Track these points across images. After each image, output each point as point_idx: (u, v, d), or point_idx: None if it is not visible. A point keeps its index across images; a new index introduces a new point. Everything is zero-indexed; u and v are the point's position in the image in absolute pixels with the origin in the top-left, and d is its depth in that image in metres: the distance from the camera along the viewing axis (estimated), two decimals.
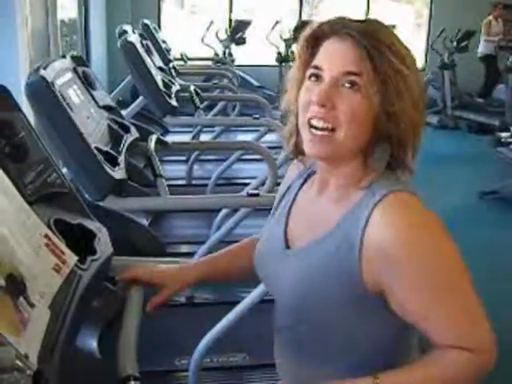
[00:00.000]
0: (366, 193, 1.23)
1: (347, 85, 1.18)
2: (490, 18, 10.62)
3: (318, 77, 1.22)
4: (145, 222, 4.27)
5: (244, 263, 1.56)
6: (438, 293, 1.17)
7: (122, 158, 2.58)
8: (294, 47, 10.05)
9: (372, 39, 1.18)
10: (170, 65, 6.07)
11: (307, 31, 1.27)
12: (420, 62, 11.81)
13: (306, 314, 1.28)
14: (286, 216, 1.41)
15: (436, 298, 1.17)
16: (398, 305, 1.19)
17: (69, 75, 2.65)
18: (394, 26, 9.39)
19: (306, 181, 1.43)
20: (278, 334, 1.42)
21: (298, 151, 1.34)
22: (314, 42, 1.25)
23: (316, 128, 1.21)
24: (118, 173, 2.44)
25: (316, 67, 1.23)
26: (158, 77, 4.54)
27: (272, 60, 9.85)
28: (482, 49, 10.68)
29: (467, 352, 1.18)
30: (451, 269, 1.19)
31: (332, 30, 1.22)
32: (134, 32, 5.17)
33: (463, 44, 10.01)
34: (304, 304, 1.27)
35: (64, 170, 2.18)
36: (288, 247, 1.36)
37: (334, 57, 1.21)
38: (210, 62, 8.63)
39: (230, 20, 10.91)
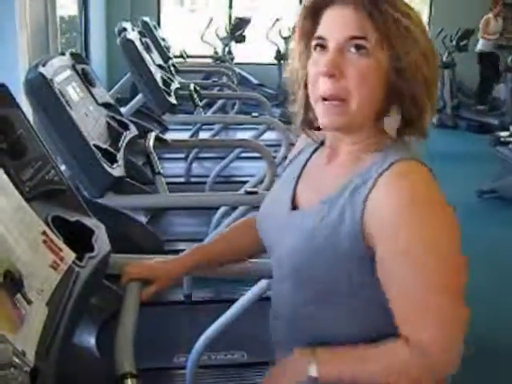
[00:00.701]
0: (376, 158, 1.23)
1: (353, 50, 1.18)
2: (490, 15, 10.61)
3: (323, 47, 1.22)
4: (143, 219, 4.27)
5: (240, 242, 1.58)
6: (415, 277, 1.16)
7: (120, 156, 2.58)
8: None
9: (373, 1, 1.17)
10: (170, 62, 6.06)
11: (305, 2, 1.27)
12: None
13: (307, 274, 1.27)
14: (294, 181, 1.40)
15: (412, 281, 1.16)
16: (380, 272, 1.19)
17: (68, 72, 2.64)
18: None
19: (317, 149, 1.43)
20: (273, 306, 1.42)
21: (309, 125, 1.35)
22: (315, 12, 1.25)
23: (328, 101, 1.21)
24: (117, 170, 2.44)
25: (320, 37, 1.23)
26: (158, 74, 4.54)
27: (271, 58, 9.84)
28: (479, 46, 10.68)
29: (415, 350, 1.15)
30: (444, 267, 1.17)
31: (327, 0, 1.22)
32: (133, 29, 5.17)
33: (463, 43, 10.00)
34: (305, 264, 1.27)
35: (62, 167, 2.18)
36: (294, 209, 1.36)
37: (336, 24, 1.21)
38: (209, 60, 8.61)
39: (230, 18, 10.90)
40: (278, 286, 1.40)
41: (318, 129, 1.34)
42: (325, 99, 1.22)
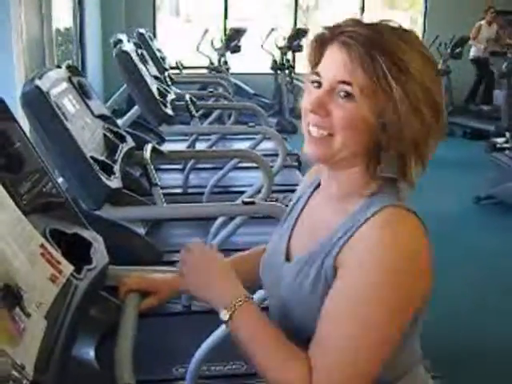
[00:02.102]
0: (363, 203, 1.22)
1: (342, 93, 1.18)
2: (482, 22, 10.67)
3: (318, 83, 1.23)
4: (141, 230, 4.26)
5: (246, 271, 1.57)
6: (345, 316, 1.14)
7: (117, 167, 2.58)
8: (289, 55, 10.11)
9: (367, 46, 1.15)
10: (166, 73, 6.08)
11: (313, 35, 1.28)
12: None
13: (287, 329, 1.26)
14: (291, 228, 1.41)
15: (340, 319, 1.14)
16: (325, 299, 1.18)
17: (64, 85, 2.65)
18: None
19: (314, 191, 1.43)
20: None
21: None
22: (320, 47, 1.25)
23: (312, 134, 1.22)
24: (114, 182, 2.44)
25: (316, 73, 1.23)
26: (154, 86, 4.55)
27: (267, 68, 9.87)
28: (472, 52, 10.75)
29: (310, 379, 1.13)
30: (381, 308, 1.13)
31: (332, 36, 1.21)
32: (129, 41, 5.18)
33: (457, 50, 10.05)
34: (288, 317, 1.28)
35: (60, 180, 2.18)
36: (288, 259, 1.36)
37: (330, 64, 1.21)
38: (205, 71, 8.64)
39: (225, 28, 10.94)
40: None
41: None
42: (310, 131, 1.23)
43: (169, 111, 4.38)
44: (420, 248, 1.18)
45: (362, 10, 11.81)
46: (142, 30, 6.78)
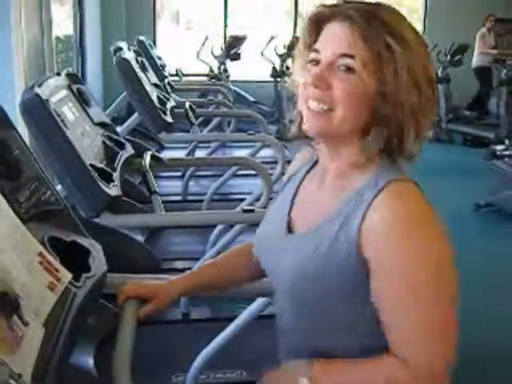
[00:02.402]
0: (368, 179, 1.23)
1: (342, 67, 1.19)
2: (484, 30, 10.69)
3: (316, 60, 1.23)
4: (140, 238, 4.26)
5: (237, 269, 1.59)
6: (410, 298, 1.16)
7: (116, 175, 2.59)
8: (289, 62, 10.10)
9: (368, 19, 1.18)
10: (165, 81, 6.09)
11: (308, 15, 1.28)
12: None
13: (304, 296, 1.28)
14: (289, 202, 1.41)
15: (407, 303, 1.16)
16: (374, 294, 1.19)
17: (63, 92, 2.65)
18: None
19: (311, 169, 1.43)
20: (278, 320, 1.42)
21: (303, 133, 1.34)
22: (317, 26, 1.26)
23: (311, 108, 1.23)
24: (113, 189, 2.44)
25: (315, 50, 1.24)
26: (153, 93, 4.56)
27: (267, 75, 9.87)
28: (476, 61, 10.73)
29: (411, 371, 1.16)
30: (435, 280, 1.17)
31: (331, 13, 1.23)
32: (129, 49, 5.19)
33: (457, 58, 10.05)
34: (302, 288, 1.27)
35: (59, 187, 2.18)
36: (290, 232, 1.37)
37: (330, 39, 1.22)
38: (205, 78, 8.65)
39: (225, 36, 10.95)
40: (278, 303, 1.41)
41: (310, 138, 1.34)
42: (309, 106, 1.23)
43: (168, 119, 4.39)
44: (434, 215, 1.22)
45: None
46: (142, 38, 6.79)
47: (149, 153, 3.04)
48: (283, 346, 1.42)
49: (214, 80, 8.22)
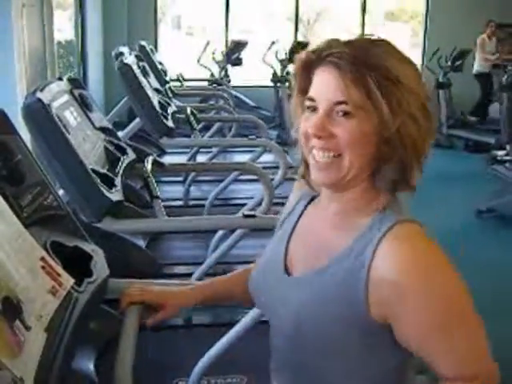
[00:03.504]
0: (375, 218, 1.22)
1: (340, 113, 1.18)
2: (484, 36, 10.69)
3: (314, 108, 1.23)
4: (142, 243, 4.26)
5: (243, 290, 1.57)
6: (442, 330, 1.16)
7: (118, 180, 2.59)
8: (290, 67, 10.12)
9: (357, 64, 1.16)
10: (167, 86, 6.10)
11: (298, 61, 1.27)
12: None
13: (305, 342, 1.26)
14: (287, 240, 1.39)
15: (440, 335, 1.17)
16: (403, 338, 1.19)
17: (65, 97, 2.66)
18: None
19: (309, 204, 1.42)
20: (274, 356, 1.41)
21: (309, 179, 1.33)
22: (307, 69, 1.25)
23: (318, 159, 1.22)
24: (115, 194, 2.44)
25: (310, 99, 1.23)
26: (155, 98, 4.56)
27: (268, 81, 9.88)
28: (477, 67, 10.73)
29: (473, 381, 1.19)
30: (457, 305, 1.17)
31: (319, 58, 1.22)
32: (130, 54, 5.20)
33: (458, 63, 10.06)
34: (304, 332, 1.25)
35: (61, 192, 2.18)
36: (287, 273, 1.34)
37: (323, 87, 1.21)
38: (206, 83, 8.66)
39: (227, 41, 10.97)
40: (275, 341, 1.39)
41: None
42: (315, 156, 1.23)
43: (170, 124, 4.39)
44: (441, 253, 1.20)
45: (363, 22, 11.84)
46: (143, 43, 6.80)
47: (150, 158, 3.05)
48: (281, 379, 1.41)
49: (215, 85, 8.23)
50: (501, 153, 6.46)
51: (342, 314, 1.20)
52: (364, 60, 1.17)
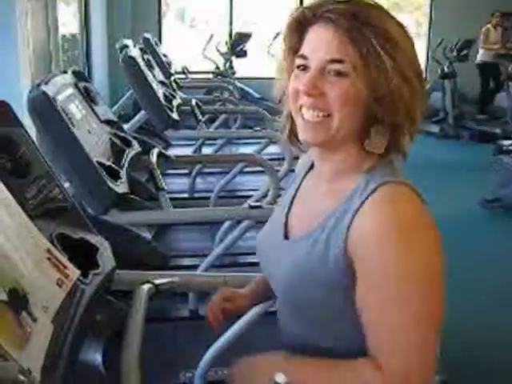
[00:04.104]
0: (358, 182, 1.22)
1: (332, 72, 1.17)
2: (489, 26, 10.64)
3: (305, 66, 1.22)
4: (148, 235, 4.26)
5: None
6: (392, 306, 1.14)
7: (124, 172, 2.59)
8: None
9: (354, 22, 1.15)
10: (171, 78, 6.09)
11: (290, 18, 1.26)
12: None
13: (296, 301, 1.28)
14: (288, 205, 1.41)
15: (388, 311, 1.14)
16: (358, 297, 1.18)
17: (70, 90, 2.66)
18: None
19: (309, 171, 1.42)
20: (278, 316, 1.42)
21: (296, 138, 1.33)
22: (300, 28, 1.24)
23: (307, 118, 1.22)
24: (120, 187, 2.44)
25: (302, 56, 1.22)
26: (160, 91, 4.56)
27: (273, 72, 9.85)
28: (479, 56, 10.70)
29: (385, 378, 1.14)
30: (419, 292, 1.14)
31: (314, 15, 1.20)
32: (134, 46, 5.19)
33: (463, 53, 10.03)
34: (294, 293, 1.27)
35: (66, 185, 2.18)
36: (287, 237, 1.36)
37: (317, 44, 1.20)
38: (210, 75, 8.65)
39: (231, 33, 10.95)
40: (277, 305, 1.41)
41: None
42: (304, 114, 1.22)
43: (175, 116, 4.39)
44: (427, 220, 1.18)
45: None
46: (147, 36, 6.79)
47: (156, 150, 3.05)
48: (283, 344, 1.41)
49: (219, 77, 8.22)
50: (507, 143, 6.44)
51: (326, 272, 1.20)
52: (363, 19, 1.16)
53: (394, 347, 1.14)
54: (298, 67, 1.24)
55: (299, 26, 1.24)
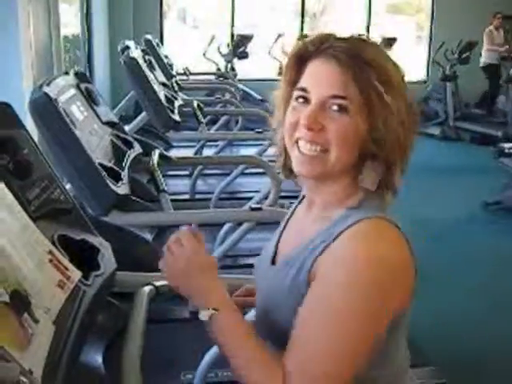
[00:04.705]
0: (343, 214, 1.22)
1: (334, 108, 1.18)
2: (491, 27, 10.65)
3: (305, 99, 1.22)
4: (149, 236, 4.27)
5: None
6: (319, 319, 1.14)
7: (125, 174, 2.59)
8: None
9: (357, 60, 1.17)
10: (173, 80, 6.10)
11: (293, 50, 1.27)
12: (422, 74, 11.84)
13: (270, 327, 1.29)
14: (280, 231, 1.44)
15: (312, 321, 1.15)
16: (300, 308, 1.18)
17: (72, 91, 2.66)
18: (394, 39, 9.44)
19: (300, 201, 1.44)
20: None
21: (289, 170, 1.34)
22: (300, 61, 1.25)
23: (304, 151, 1.22)
24: (121, 188, 2.45)
25: (302, 89, 1.23)
26: (161, 92, 4.56)
27: (274, 74, 9.87)
28: (484, 58, 10.70)
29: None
30: (349, 318, 1.13)
31: (317, 50, 1.21)
32: (136, 48, 5.20)
33: (465, 55, 10.03)
34: (268, 317, 1.29)
35: (68, 186, 2.19)
36: (274, 263, 1.38)
37: (320, 79, 1.21)
38: (212, 77, 8.65)
39: (232, 34, 10.96)
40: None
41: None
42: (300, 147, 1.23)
43: (176, 117, 4.39)
44: (395, 260, 1.17)
45: (369, 15, 11.79)
46: (149, 37, 6.80)
47: (157, 151, 3.05)
48: None
49: (221, 78, 8.22)
50: (508, 145, 6.44)
51: (293, 300, 1.20)
52: (366, 59, 1.17)
53: (306, 367, 1.13)
54: (297, 99, 1.24)
55: (301, 59, 1.25)
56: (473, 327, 3.69)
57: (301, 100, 1.23)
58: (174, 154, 3.89)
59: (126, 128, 3.67)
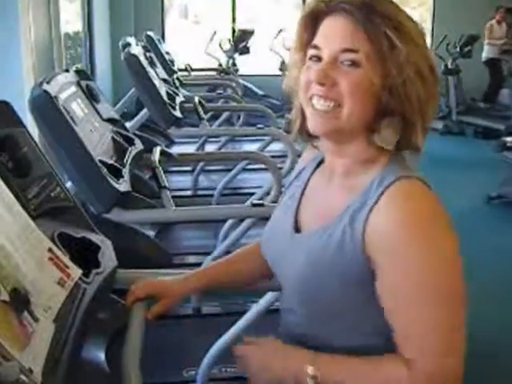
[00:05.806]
0: (374, 177, 1.22)
1: (346, 62, 1.18)
2: (493, 21, 10.63)
3: (317, 57, 1.22)
4: (151, 233, 4.28)
5: (250, 266, 1.58)
6: (418, 298, 1.15)
7: (126, 171, 2.59)
8: None
9: (368, 13, 1.16)
10: (174, 76, 6.08)
11: (305, 11, 1.27)
12: None
13: (312, 296, 1.28)
14: (297, 200, 1.41)
15: (416, 306, 1.15)
16: (381, 296, 1.19)
17: (72, 89, 2.65)
18: None
19: (318, 166, 1.42)
20: (282, 315, 1.42)
21: (306, 133, 1.33)
22: (313, 22, 1.25)
23: (317, 107, 1.22)
24: (123, 185, 2.44)
25: (315, 47, 1.23)
26: (162, 88, 4.55)
27: (276, 69, 9.86)
28: (485, 53, 10.68)
29: (416, 374, 1.14)
30: (443, 279, 1.15)
31: (328, 7, 1.21)
32: (137, 44, 5.19)
33: (467, 49, 10.00)
34: (308, 287, 1.27)
35: (68, 184, 2.18)
36: (297, 231, 1.36)
37: (330, 34, 1.21)
38: (213, 73, 8.64)
39: (234, 30, 10.94)
40: (286, 302, 1.40)
41: (314, 137, 1.34)
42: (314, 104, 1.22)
43: (178, 114, 4.38)
44: (441, 212, 1.19)
45: None
46: (150, 33, 6.79)
47: (158, 148, 3.04)
48: (289, 341, 1.41)
49: (222, 74, 8.21)
50: (510, 139, 6.43)
51: (342, 267, 1.20)
52: (377, 10, 1.17)
53: (425, 347, 1.14)
54: (311, 58, 1.24)
55: (313, 19, 1.25)
56: (479, 321, 3.69)
57: (314, 59, 1.23)
58: (175, 150, 3.89)
59: (128, 125, 3.66)
